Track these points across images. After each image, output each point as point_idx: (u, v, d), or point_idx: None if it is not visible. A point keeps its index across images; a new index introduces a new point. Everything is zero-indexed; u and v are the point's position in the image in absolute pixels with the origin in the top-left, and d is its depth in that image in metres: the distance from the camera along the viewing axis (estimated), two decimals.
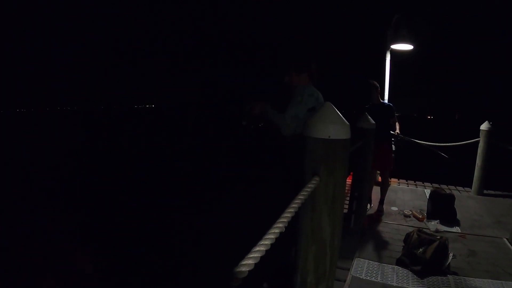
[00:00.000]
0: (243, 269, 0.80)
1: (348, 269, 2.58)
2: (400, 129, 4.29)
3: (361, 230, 3.32)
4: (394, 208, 4.04)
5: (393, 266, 2.66)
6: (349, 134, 1.41)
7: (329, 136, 1.32)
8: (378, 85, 4.03)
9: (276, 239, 0.96)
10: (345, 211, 3.78)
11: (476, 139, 5.05)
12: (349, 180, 4.18)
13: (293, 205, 1.11)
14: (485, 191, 5.01)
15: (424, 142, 5.61)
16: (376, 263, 2.70)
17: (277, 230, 0.98)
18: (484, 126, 4.96)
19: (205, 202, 7.08)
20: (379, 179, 4.90)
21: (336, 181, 1.35)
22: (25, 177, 9.80)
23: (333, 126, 1.33)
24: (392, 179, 4.55)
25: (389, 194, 4.19)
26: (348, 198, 3.53)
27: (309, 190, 1.22)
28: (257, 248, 0.88)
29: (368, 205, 4.13)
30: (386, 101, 4.00)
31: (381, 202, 4.07)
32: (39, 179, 9.57)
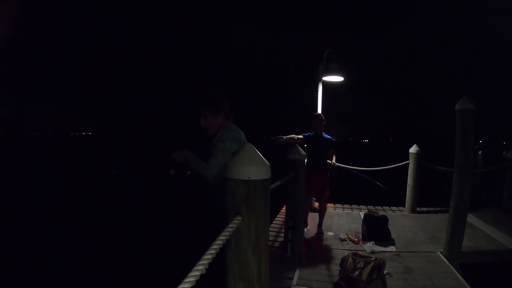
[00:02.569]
0: None
1: None
2: (335, 160, 4.58)
3: (298, 258, 3.40)
4: (330, 233, 4.20)
5: None
6: (269, 173, 1.51)
7: (248, 177, 1.41)
8: (323, 117, 4.26)
9: (197, 281, 1.01)
10: (281, 239, 3.90)
11: (406, 162, 5.53)
12: (283, 210, 4.32)
13: (214, 246, 1.17)
14: (418, 209, 5.44)
15: (359, 169, 5.99)
16: None
17: (197, 273, 1.03)
18: (412, 149, 5.46)
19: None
20: (316, 205, 5.13)
21: (259, 220, 1.44)
22: None
23: (252, 167, 1.43)
24: (328, 204, 4.81)
25: (325, 220, 4.36)
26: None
27: (231, 230, 1.30)
28: None
29: (305, 228, 4.29)
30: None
31: (320, 224, 4.26)
32: None
